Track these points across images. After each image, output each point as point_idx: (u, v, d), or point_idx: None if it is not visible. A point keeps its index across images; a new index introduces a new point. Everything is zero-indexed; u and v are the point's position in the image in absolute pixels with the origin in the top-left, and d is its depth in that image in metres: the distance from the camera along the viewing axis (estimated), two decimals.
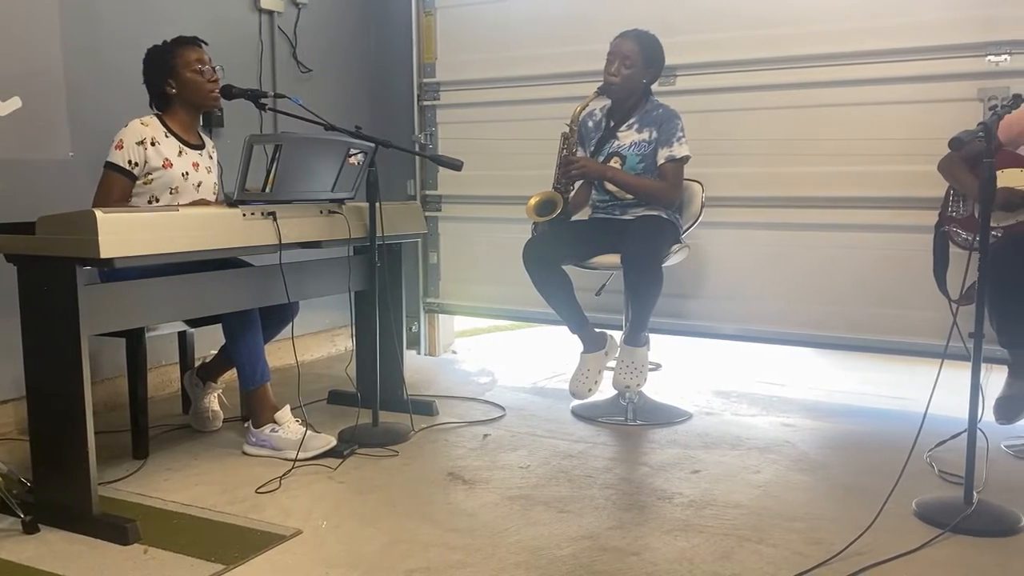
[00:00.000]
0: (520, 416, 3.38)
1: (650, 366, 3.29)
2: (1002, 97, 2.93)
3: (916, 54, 3.31)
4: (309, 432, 2.83)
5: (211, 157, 3.07)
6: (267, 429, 2.86)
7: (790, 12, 3.52)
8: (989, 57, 3.20)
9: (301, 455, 2.77)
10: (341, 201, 2.97)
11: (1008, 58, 3.16)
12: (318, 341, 4.47)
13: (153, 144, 2.83)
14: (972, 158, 2.72)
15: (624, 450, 3.01)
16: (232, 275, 2.81)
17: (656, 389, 3.55)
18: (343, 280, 3.10)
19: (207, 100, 2.93)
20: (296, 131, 2.99)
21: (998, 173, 2.64)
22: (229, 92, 2.85)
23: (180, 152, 2.92)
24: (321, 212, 2.88)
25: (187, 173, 2.92)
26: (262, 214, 2.63)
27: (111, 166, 2.80)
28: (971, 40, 3.21)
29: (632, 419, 3.30)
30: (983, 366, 2.31)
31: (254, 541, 2.20)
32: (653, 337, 3.34)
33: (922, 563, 2.07)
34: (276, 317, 3.04)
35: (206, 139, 3.09)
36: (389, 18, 4.59)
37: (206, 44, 2.95)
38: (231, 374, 3.06)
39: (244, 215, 2.58)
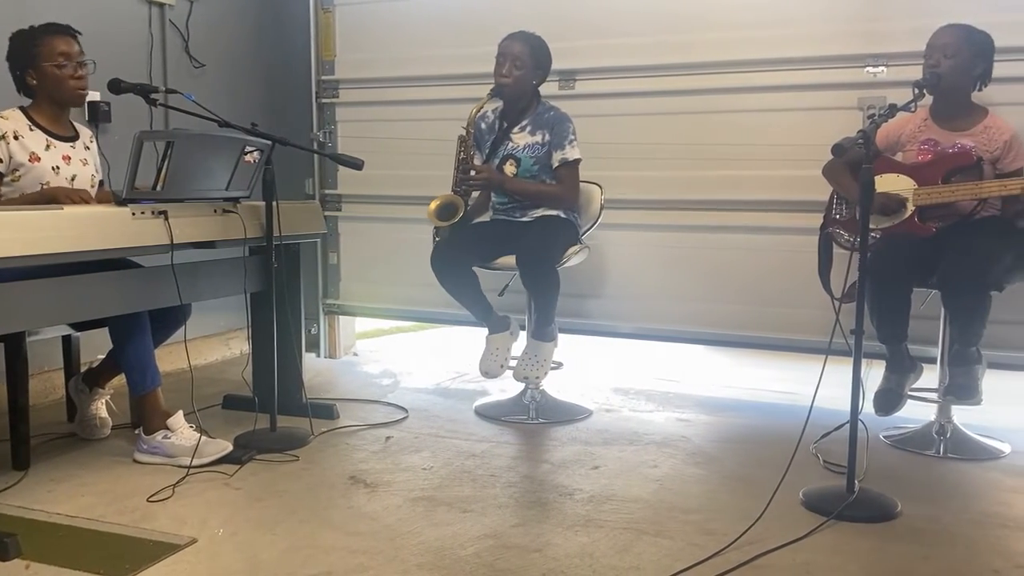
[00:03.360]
0: (423, 417, 3.37)
1: (552, 364, 3.34)
2: (879, 106, 3.09)
3: (801, 64, 3.46)
4: (204, 438, 2.75)
5: (87, 147, 2.95)
6: (159, 436, 2.76)
7: (684, 20, 3.62)
8: (868, 68, 3.37)
9: (196, 461, 2.68)
10: (236, 200, 2.90)
11: (885, 70, 3.34)
12: (212, 344, 4.34)
13: (16, 138, 2.70)
14: (853, 164, 2.86)
15: (526, 448, 3.04)
16: (120, 276, 2.70)
17: (557, 387, 3.60)
18: (238, 281, 3.02)
19: (69, 97, 2.80)
20: (189, 128, 2.89)
21: (876, 178, 2.81)
22: (117, 86, 2.73)
23: (48, 145, 2.78)
24: (215, 211, 2.80)
25: (58, 167, 2.79)
26: (152, 213, 2.54)
27: None
28: (852, 52, 3.38)
29: (534, 417, 3.33)
30: (864, 361, 2.44)
31: (146, 552, 2.12)
32: None
33: (808, 549, 2.17)
34: (167, 320, 2.93)
35: (80, 129, 2.96)
36: (286, 14, 4.49)
37: (79, 34, 2.81)
38: (120, 379, 2.94)
39: (133, 214, 2.49)
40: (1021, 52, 3.09)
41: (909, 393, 2.98)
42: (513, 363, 3.33)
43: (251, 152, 2.82)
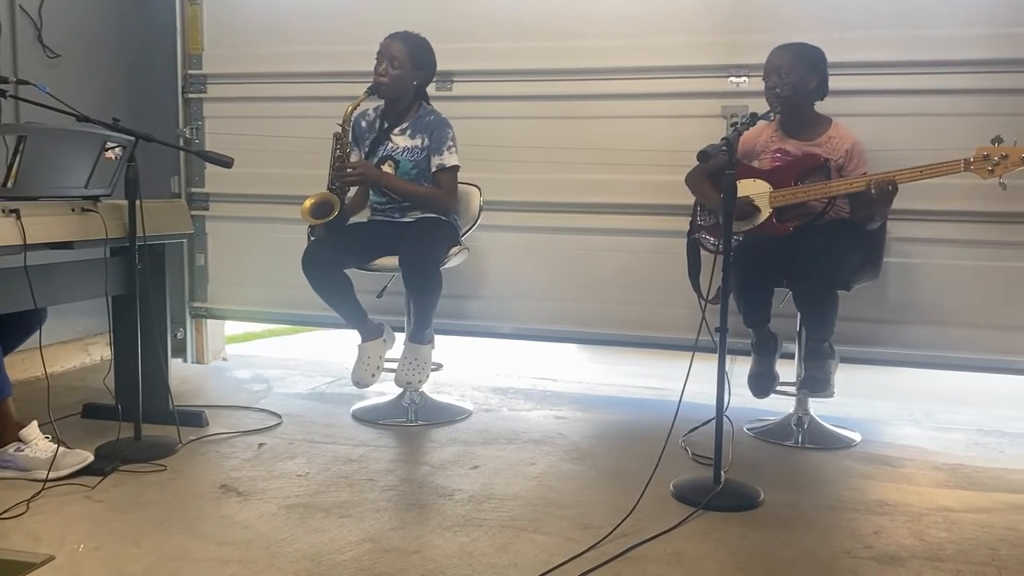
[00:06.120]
0: (298, 423, 3.30)
1: (432, 366, 3.33)
2: (742, 115, 3.24)
3: (669, 72, 3.59)
4: (61, 449, 2.60)
5: None
6: (11, 448, 2.59)
7: (559, 27, 3.70)
8: (731, 78, 3.54)
9: (53, 474, 2.54)
10: (96, 198, 2.76)
11: (747, 79, 3.52)
12: (69, 350, 4.11)
13: None
14: (717, 170, 3.00)
15: (405, 451, 3.02)
16: None
17: (437, 388, 3.60)
18: (99, 284, 2.87)
19: None
20: (44, 121, 2.74)
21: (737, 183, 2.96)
22: None
23: None
24: (73, 210, 2.66)
25: None
26: (3, 211, 2.39)
27: None
28: (716, 62, 3.54)
29: (413, 420, 3.32)
30: (728, 358, 2.56)
31: None
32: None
33: (679, 539, 2.26)
34: (20, 325, 2.77)
35: None
36: (151, 4, 4.31)
37: None
38: None
39: None
40: (858, 67, 3.32)
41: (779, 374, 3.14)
42: (390, 366, 3.31)
43: (113, 148, 2.70)
